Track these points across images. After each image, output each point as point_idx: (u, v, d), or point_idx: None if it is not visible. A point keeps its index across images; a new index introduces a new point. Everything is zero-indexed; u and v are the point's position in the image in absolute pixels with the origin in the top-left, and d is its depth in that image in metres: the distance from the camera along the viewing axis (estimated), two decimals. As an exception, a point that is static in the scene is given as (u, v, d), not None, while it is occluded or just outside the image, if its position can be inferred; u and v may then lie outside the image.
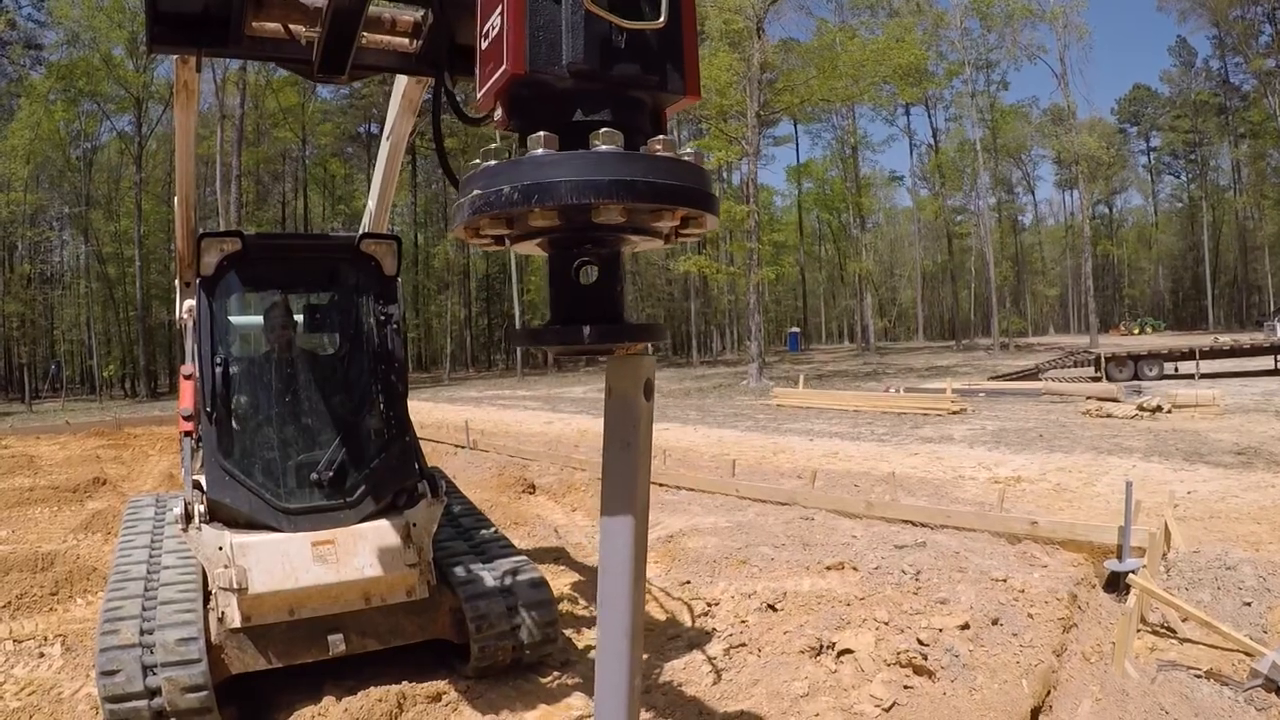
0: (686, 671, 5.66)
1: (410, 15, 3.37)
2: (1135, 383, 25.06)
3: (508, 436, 18.48)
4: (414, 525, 5.19)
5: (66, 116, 48.27)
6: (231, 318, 5.35)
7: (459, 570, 5.66)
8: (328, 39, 3.00)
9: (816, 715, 4.83)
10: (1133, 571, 6.70)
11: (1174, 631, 6.15)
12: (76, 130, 50.71)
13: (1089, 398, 21.13)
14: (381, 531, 5.11)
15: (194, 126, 4.99)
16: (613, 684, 2.02)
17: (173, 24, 2.92)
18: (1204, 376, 26.34)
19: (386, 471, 5.33)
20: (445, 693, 5.22)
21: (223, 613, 4.84)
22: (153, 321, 51.02)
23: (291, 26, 3.21)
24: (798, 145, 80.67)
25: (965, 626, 5.80)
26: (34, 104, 46.15)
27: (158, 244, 52.87)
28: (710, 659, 5.79)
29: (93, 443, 20.30)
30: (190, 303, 5.54)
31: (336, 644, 4.96)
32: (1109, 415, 18.04)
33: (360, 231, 5.90)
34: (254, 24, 3.13)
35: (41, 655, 6.36)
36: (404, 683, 5.14)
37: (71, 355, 59.02)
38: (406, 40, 3.49)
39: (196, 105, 4.82)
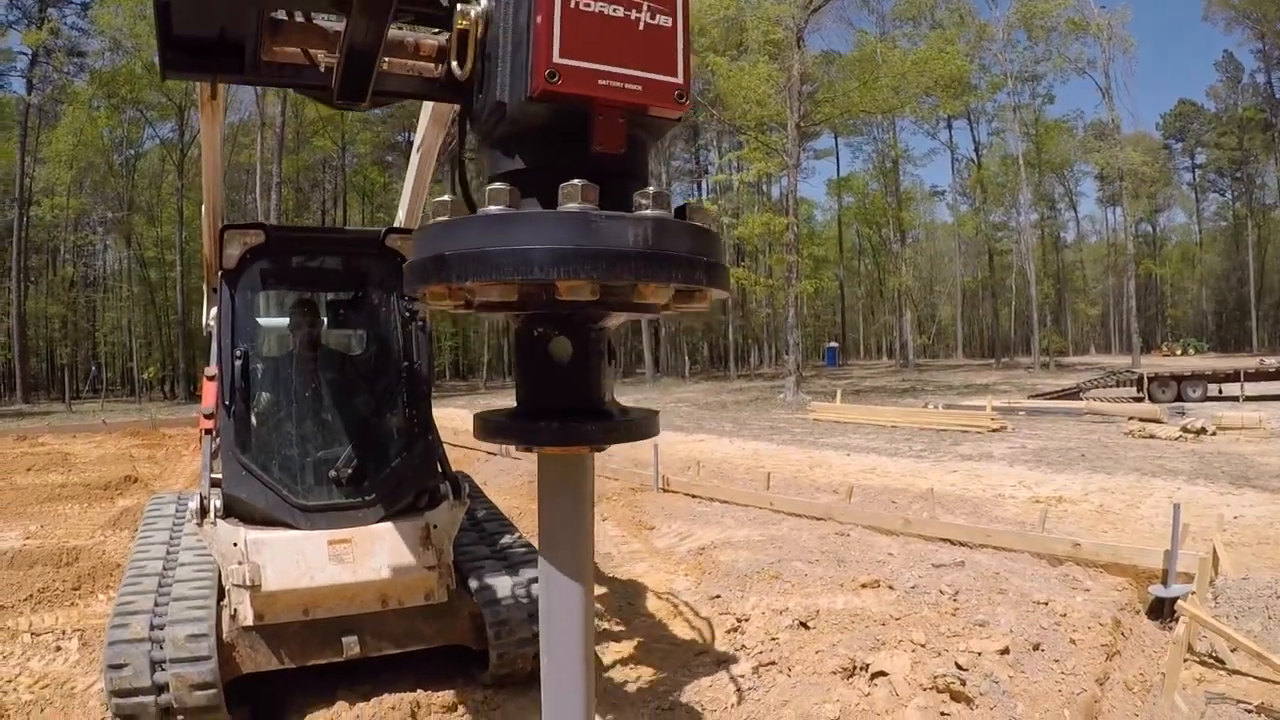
0: (713, 690, 5.45)
1: (434, 40, 3.24)
2: (1179, 404, 24.53)
3: (539, 444, 18.27)
4: (434, 527, 5.03)
5: (109, 123, 49.13)
6: (252, 311, 5.25)
7: (480, 575, 5.51)
8: (346, 65, 2.85)
9: (848, 739, 4.61)
10: (1180, 598, 6.39)
11: (1222, 662, 5.84)
12: (119, 137, 51.64)
13: (1132, 418, 20.60)
14: (401, 532, 4.95)
15: (219, 140, 4.92)
16: None
17: (186, 49, 2.76)
18: (1249, 399, 25.63)
19: (407, 471, 5.19)
20: (461, 702, 5.07)
21: (235, 610, 4.73)
22: (193, 325, 51.76)
23: (311, 51, 3.07)
24: (838, 158, 79.02)
25: (1005, 651, 5.57)
26: (77, 110, 47.03)
27: (198, 249, 53.60)
28: (738, 678, 5.57)
29: (127, 442, 20.56)
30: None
31: (351, 646, 4.82)
32: (1152, 436, 17.65)
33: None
34: (272, 49, 3.00)
35: (58, 649, 6.34)
36: (419, 690, 5.01)
37: (112, 358, 59.98)
38: (431, 65, 3.35)
39: (222, 119, 4.73)
